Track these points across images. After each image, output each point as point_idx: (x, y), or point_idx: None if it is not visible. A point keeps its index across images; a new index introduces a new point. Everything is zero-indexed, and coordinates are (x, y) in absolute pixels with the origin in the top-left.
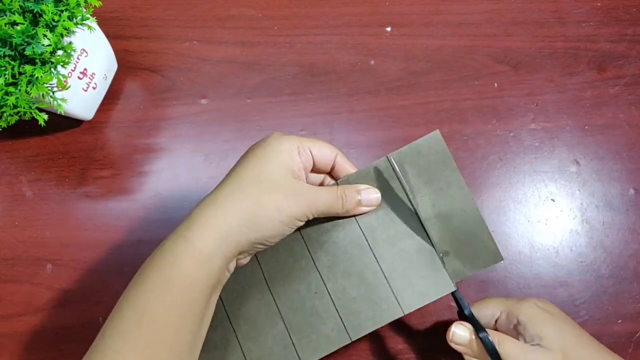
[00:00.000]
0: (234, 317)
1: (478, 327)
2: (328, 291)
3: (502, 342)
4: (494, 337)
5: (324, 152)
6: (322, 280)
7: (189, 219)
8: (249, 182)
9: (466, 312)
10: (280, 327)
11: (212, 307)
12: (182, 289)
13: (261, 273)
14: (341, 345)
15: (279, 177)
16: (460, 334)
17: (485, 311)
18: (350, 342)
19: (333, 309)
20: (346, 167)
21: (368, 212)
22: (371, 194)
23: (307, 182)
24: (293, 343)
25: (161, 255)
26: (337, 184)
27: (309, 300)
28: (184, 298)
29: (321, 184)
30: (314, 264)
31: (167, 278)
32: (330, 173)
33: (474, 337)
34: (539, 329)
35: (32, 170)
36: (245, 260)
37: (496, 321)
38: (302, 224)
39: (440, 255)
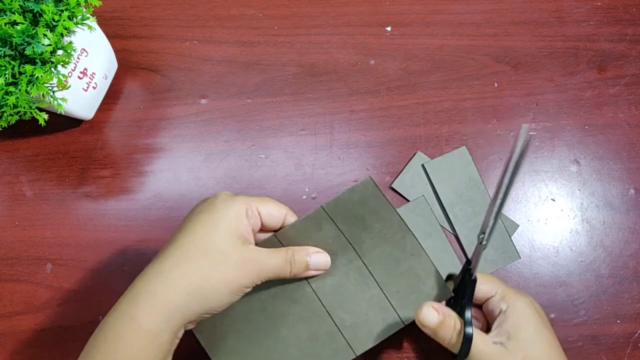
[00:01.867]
0: (317, 287)
1: (468, 320)
2: (424, 250)
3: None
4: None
5: (273, 213)
6: (417, 240)
7: (133, 293)
8: (196, 254)
9: (465, 301)
10: (374, 291)
11: None
12: None
13: (345, 239)
14: (445, 299)
15: (227, 247)
16: (430, 317)
17: (484, 286)
18: (452, 296)
19: (431, 266)
20: None
21: (317, 275)
22: (320, 259)
23: (255, 242)
24: (392, 305)
25: (105, 336)
26: (276, 237)
27: (404, 262)
28: None
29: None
30: (407, 226)
31: None
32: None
33: (442, 319)
34: (515, 329)
35: (33, 170)
36: (191, 326)
37: (487, 299)
38: (249, 289)
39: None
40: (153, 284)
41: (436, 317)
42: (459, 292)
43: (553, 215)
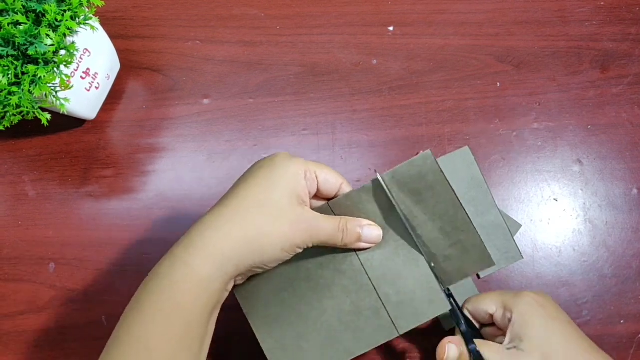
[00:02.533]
0: (365, 260)
1: (468, 339)
2: (473, 225)
3: (482, 348)
4: (479, 346)
5: (330, 180)
6: (468, 216)
7: (187, 240)
8: (253, 207)
9: (461, 329)
10: (423, 270)
11: (212, 326)
12: (181, 315)
13: (398, 213)
14: (487, 267)
15: (285, 204)
16: (452, 354)
17: (481, 307)
18: (493, 266)
19: (478, 239)
20: None
21: (368, 248)
22: (373, 231)
23: (310, 207)
24: (439, 280)
25: (158, 280)
26: (329, 205)
27: (454, 237)
28: (184, 324)
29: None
30: (460, 203)
31: (166, 305)
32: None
33: (463, 349)
34: (524, 330)
35: (35, 169)
36: (241, 281)
37: (492, 315)
38: (301, 250)
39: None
40: (208, 233)
41: (456, 352)
42: (456, 318)
43: (556, 215)
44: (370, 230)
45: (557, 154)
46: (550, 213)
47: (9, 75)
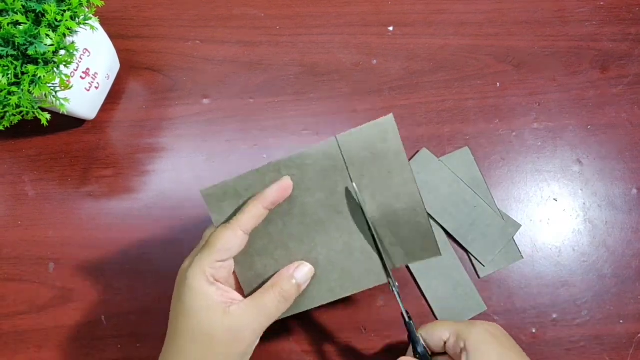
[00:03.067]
0: (364, 202)
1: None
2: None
3: None
4: None
5: (229, 249)
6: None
7: None
8: (190, 341)
9: (419, 349)
10: (421, 217)
11: None
12: None
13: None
14: None
15: (211, 328)
16: None
17: (435, 334)
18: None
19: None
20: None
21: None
22: (304, 271)
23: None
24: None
25: None
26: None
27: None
28: None
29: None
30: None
31: None
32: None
33: None
34: (479, 358)
35: (35, 169)
36: None
37: (445, 343)
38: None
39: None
40: None
41: None
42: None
43: (555, 215)
44: (301, 272)
45: (557, 154)
46: (550, 213)
47: (9, 75)
